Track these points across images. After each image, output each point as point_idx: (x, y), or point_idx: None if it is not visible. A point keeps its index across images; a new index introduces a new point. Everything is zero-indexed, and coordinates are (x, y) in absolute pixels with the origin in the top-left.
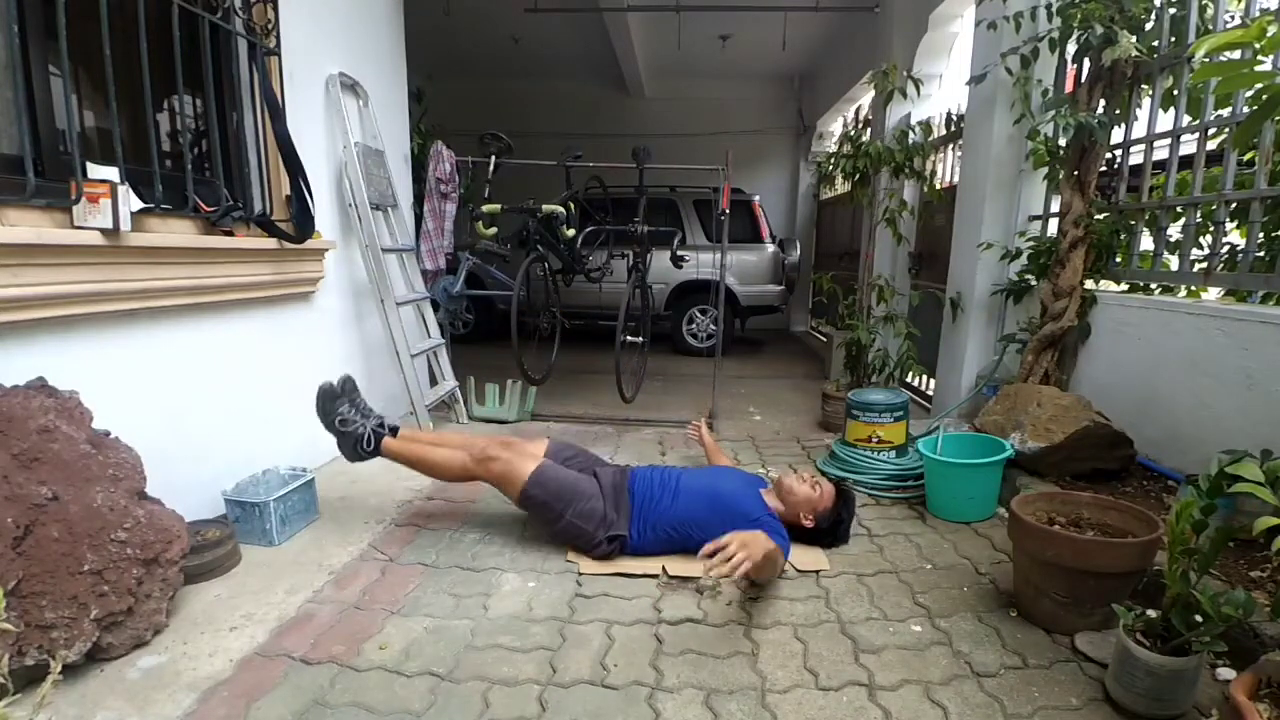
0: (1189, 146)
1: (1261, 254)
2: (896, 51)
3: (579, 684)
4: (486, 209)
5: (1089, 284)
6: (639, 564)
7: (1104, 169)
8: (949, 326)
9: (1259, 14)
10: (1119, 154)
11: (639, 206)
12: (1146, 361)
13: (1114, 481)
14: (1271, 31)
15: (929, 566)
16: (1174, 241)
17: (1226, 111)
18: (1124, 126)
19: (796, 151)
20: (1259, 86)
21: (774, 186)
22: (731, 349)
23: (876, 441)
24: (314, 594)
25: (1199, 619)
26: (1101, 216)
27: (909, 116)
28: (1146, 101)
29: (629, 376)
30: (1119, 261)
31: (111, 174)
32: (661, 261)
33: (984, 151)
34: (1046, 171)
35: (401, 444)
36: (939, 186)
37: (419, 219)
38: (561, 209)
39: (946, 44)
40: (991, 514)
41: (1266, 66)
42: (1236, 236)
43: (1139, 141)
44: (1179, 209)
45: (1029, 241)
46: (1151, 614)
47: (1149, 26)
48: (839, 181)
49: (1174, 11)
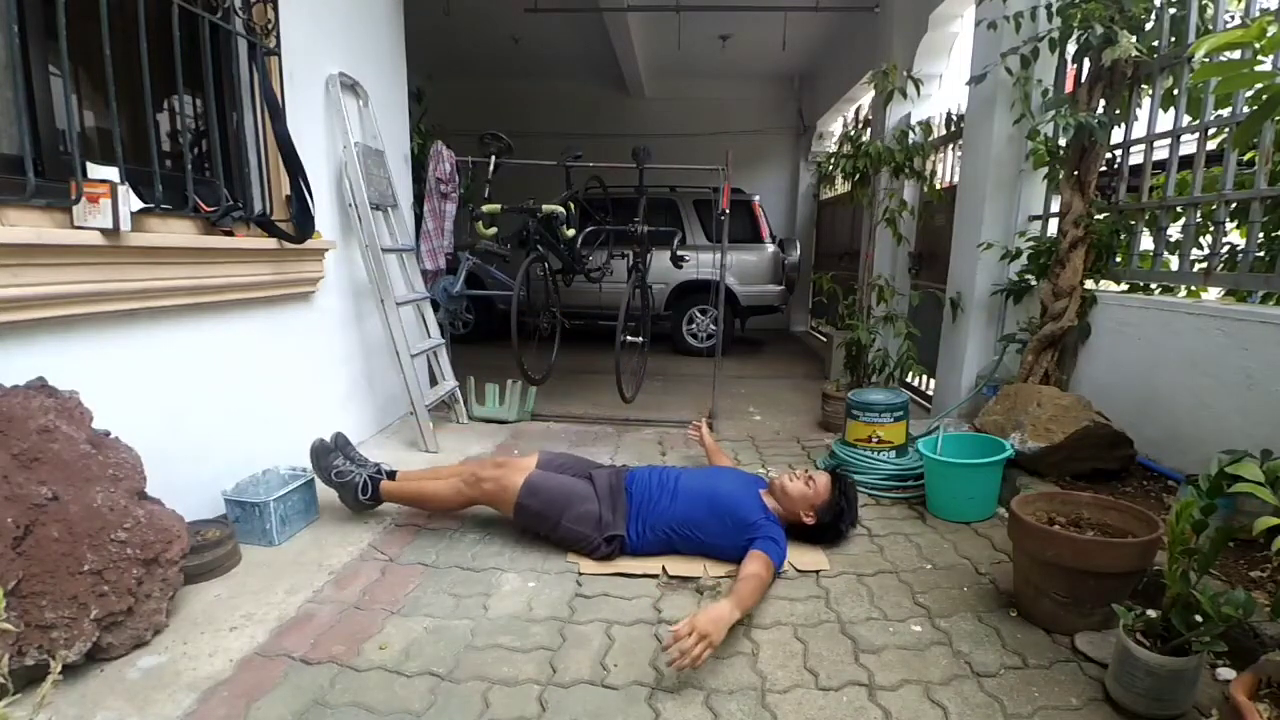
0: (1189, 146)
1: (1261, 254)
2: (896, 51)
3: (579, 684)
4: (486, 209)
5: (1089, 284)
6: (639, 564)
7: (1104, 169)
8: (949, 326)
9: (1259, 14)
10: (1119, 154)
11: (639, 206)
12: (1146, 361)
13: (1114, 481)
14: (1271, 31)
15: (929, 566)
16: (1174, 241)
17: (1226, 111)
18: (1124, 126)
19: (796, 151)
20: (1259, 86)
21: (774, 186)
22: (731, 349)
23: (876, 441)
24: (314, 594)
25: (1199, 619)
26: (1101, 216)
27: (909, 116)
28: (1146, 101)
29: (629, 376)
30: (1119, 261)
31: (111, 174)
32: (661, 261)
33: (984, 151)
34: (1046, 171)
35: (399, 485)
36: (939, 186)
37: (419, 219)
38: (561, 209)
39: (946, 44)
40: (991, 514)
41: (1266, 66)
42: (1236, 236)
43: (1139, 141)
44: (1179, 209)
45: (1029, 241)
46: (1151, 614)
47: (1149, 26)
48: (839, 181)
49: (1174, 11)
